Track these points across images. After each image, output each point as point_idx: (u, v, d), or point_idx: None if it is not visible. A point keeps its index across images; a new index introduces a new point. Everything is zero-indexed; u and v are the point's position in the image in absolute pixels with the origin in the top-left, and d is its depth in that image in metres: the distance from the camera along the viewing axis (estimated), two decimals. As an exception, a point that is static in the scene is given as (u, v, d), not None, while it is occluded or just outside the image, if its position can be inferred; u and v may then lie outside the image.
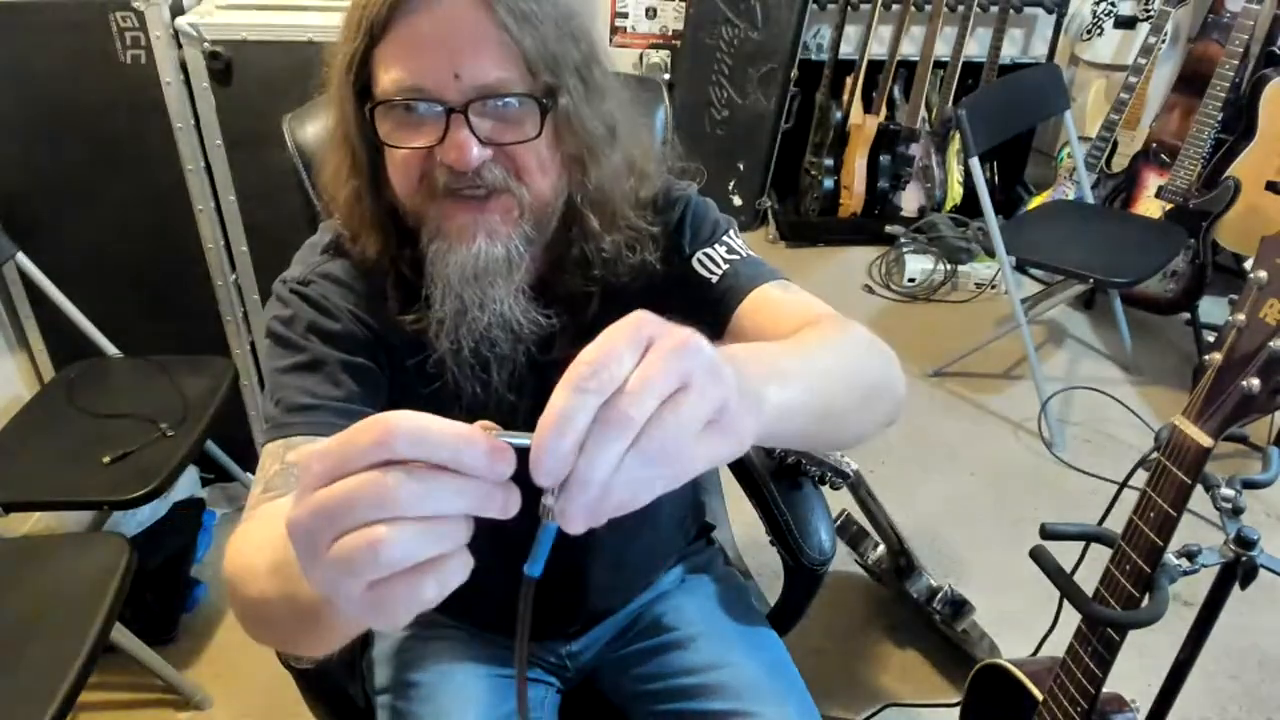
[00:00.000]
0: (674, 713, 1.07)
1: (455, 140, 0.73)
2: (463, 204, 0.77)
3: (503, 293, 0.81)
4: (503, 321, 0.82)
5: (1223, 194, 2.61)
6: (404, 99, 0.74)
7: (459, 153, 0.73)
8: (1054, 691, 1.15)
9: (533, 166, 0.78)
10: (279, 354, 0.85)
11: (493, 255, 0.79)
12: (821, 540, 1.17)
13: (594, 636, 1.17)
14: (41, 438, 1.79)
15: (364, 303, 0.88)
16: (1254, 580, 1.02)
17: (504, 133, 0.75)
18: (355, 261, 0.89)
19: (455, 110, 0.73)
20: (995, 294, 3.18)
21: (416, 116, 0.75)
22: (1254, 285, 0.87)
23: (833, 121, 3.44)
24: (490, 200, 0.78)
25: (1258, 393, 0.86)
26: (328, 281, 0.89)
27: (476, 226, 0.78)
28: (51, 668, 1.29)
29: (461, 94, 0.73)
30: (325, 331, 0.85)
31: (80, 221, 1.90)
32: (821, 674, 1.87)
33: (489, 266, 0.79)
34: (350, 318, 0.87)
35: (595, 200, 0.84)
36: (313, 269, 0.90)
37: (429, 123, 0.74)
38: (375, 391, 0.86)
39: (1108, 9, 3.33)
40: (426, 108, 0.74)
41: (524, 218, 0.80)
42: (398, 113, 0.75)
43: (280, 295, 0.89)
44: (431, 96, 0.73)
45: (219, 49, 1.72)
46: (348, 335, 0.86)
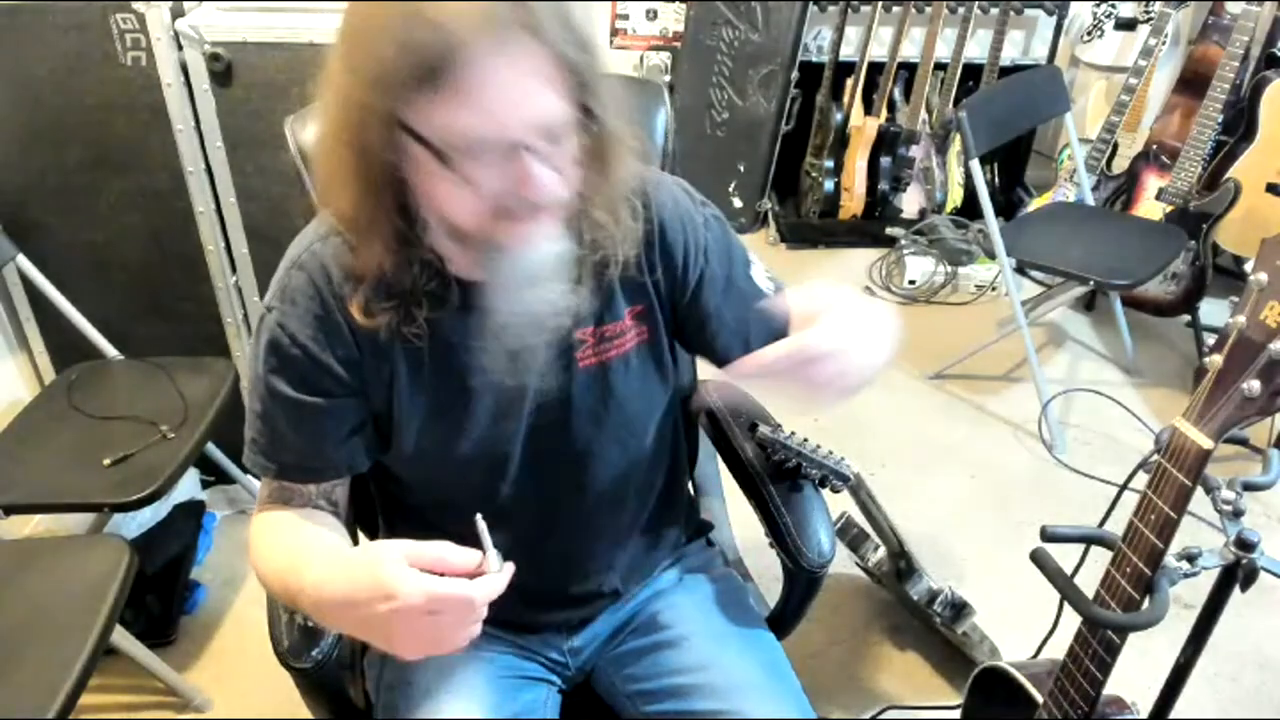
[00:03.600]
0: (667, 713, 1.08)
1: (531, 176, 0.77)
2: (523, 217, 0.81)
3: (558, 290, 0.88)
4: (546, 312, 0.89)
5: (1223, 196, 2.61)
6: (475, 146, 0.75)
7: (537, 187, 0.78)
8: (1054, 694, 1.15)
9: (571, 174, 0.83)
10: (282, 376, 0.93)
11: (548, 256, 0.85)
12: (821, 543, 1.16)
13: (594, 632, 1.17)
14: (42, 440, 1.79)
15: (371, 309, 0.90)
16: (1254, 582, 1.02)
17: (557, 151, 0.79)
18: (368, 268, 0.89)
19: (524, 148, 0.76)
20: (996, 296, 3.18)
21: (484, 161, 0.76)
22: (1254, 287, 0.86)
23: (833, 123, 3.44)
24: (544, 214, 0.82)
25: (1258, 395, 0.86)
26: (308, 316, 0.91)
27: (536, 234, 0.83)
28: (52, 670, 1.29)
29: (524, 129, 0.76)
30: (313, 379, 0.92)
31: (80, 223, 1.90)
32: (822, 676, 1.87)
33: (545, 267, 0.86)
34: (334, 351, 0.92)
35: (606, 196, 0.90)
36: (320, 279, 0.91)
37: (498, 163, 0.77)
38: (357, 425, 0.96)
39: (1108, 11, 3.33)
40: (503, 152, 0.76)
41: (566, 215, 0.87)
42: (468, 158, 0.76)
43: (274, 337, 0.92)
44: (504, 141, 0.76)
45: (219, 51, 1.72)
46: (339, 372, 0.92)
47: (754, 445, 1.24)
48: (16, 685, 1.28)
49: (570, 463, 1.04)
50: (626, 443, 1.07)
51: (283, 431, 0.94)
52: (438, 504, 1.06)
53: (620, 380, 1.01)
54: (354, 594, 0.76)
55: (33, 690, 1.26)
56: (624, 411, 1.03)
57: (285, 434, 0.94)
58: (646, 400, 1.06)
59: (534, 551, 1.02)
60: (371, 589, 0.74)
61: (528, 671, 1.14)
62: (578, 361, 0.98)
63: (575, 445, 1.03)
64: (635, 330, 1.01)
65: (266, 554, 0.92)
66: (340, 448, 0.96)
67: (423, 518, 1.08)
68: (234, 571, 2.06)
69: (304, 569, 0.84)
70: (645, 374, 1.04)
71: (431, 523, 1.06)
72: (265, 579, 0.92)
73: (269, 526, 0.95)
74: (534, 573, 1.00)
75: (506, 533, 0.97)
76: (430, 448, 0.98)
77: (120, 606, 1.42)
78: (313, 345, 0.91)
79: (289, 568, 0.87)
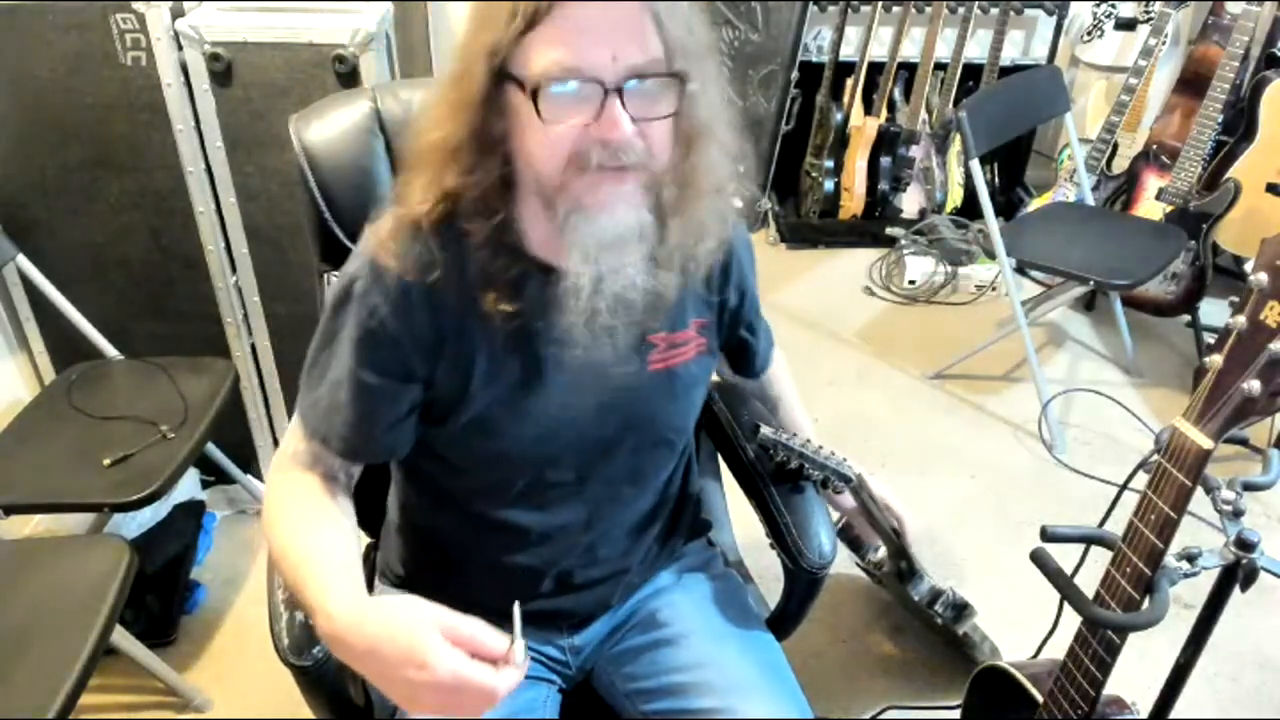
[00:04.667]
0: (665, 712, 1.08)
1: (612, 116, 0.80)
2: (606, 177, 0.83)
3: (633, 259, 0.89)
4: (629, 288, 0.90)
5: (1223, 196, 2.61)
6: (566, 78, 0.79)
7: (616, 128, 0.80)
8: (1054, 694, 1.15)
9: (662, 143, 0.85)
10: (355, 349, 0.93)
11: (629, 222, 0.86)
12: (822, 544, 1.16)
13: (594, 630, 1.17)
14: (42, 440, 1.79)
15: (456, 284, 0.92)
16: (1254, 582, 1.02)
17: (647, 109, 0.82)
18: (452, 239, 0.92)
19: (611, 90, 0.80)
20: (996, 296, 3.18)
21: (571, 100, 0.80)
22: (1254, 287, 0.87)
23: (833, 123, 3.44)
24: (628, 173, 0.84)
25: (1258, 395, 0.86)
26: (392, 290, 0.92)
27: (616, 198, 0.84)
28: (52, 670, 1.29)
29: (617, 75, 0.80)
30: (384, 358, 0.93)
31: (80, 223, 1.90)
32: (822, 676, 1.87)
33: (626, 234, 0.86)
34: (410, 331, 0.92)
35: (694, 180, 0.91)
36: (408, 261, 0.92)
37: (585, 103, 0.80)
38: (408, 411, 0.97)
39: (1108, 11, 3.33)
40: (587, 88, 0.80)
41: (649, 189, 0.87)
42: (555, 93, 0.80)
43: (358, 309, 0.93)
44: (590, 77, 0.79)
45: (219, 51, 1.72)
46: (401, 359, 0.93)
47: (756, 446, 1.24)
48: (16, 685, 1.28)
49: (623, 458, 1.06)
50: (673, 444, 1.11)
51: (342, 403, 0.95)
52: (481, 489, 1.05)
53: (681, 387, 1.05)
54: (383, 649, 0.77)
55: (33, 690, 1.26)
56: (679, 417, 1.08)
57: (343, 406, 0.95)
58: (694, 409, 1.11)
59: (569, 540, 1.07)
60: (405, 652, 0.75)
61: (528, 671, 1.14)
62: (649, 364, 1.01)
63: (631, 441, 1.05)
64: (696, 341, 1.05)
65: (284, 526, 0.93)
66: (388, 433, 0.97)
67: (457, 506, 1.07)
68: (234, 571, 2.07)
69: (326, 587, 0.84)
70: (698, 384, 1.09)
71: (465, 512, 1.07)
72: (273, 547, 0.93)
73: (293, 494, 0.96)
74: (564, 559, 1.07)
75: (545, 518, 1.04)
76: (497, 425, 0.98)
77: (120, 606, 1.42)
78: (393, 322, 0.92)
79: (305, 566, 0.87)
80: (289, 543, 0.91)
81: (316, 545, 0.90)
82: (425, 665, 0.74)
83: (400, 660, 0.76)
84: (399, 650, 0.76)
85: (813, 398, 2.66)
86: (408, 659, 0.75)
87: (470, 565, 1.11)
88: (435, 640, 0.75)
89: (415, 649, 0.75)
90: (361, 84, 1.76)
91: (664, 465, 1.12)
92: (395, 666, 0.76)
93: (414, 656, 0.75)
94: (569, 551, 1.09)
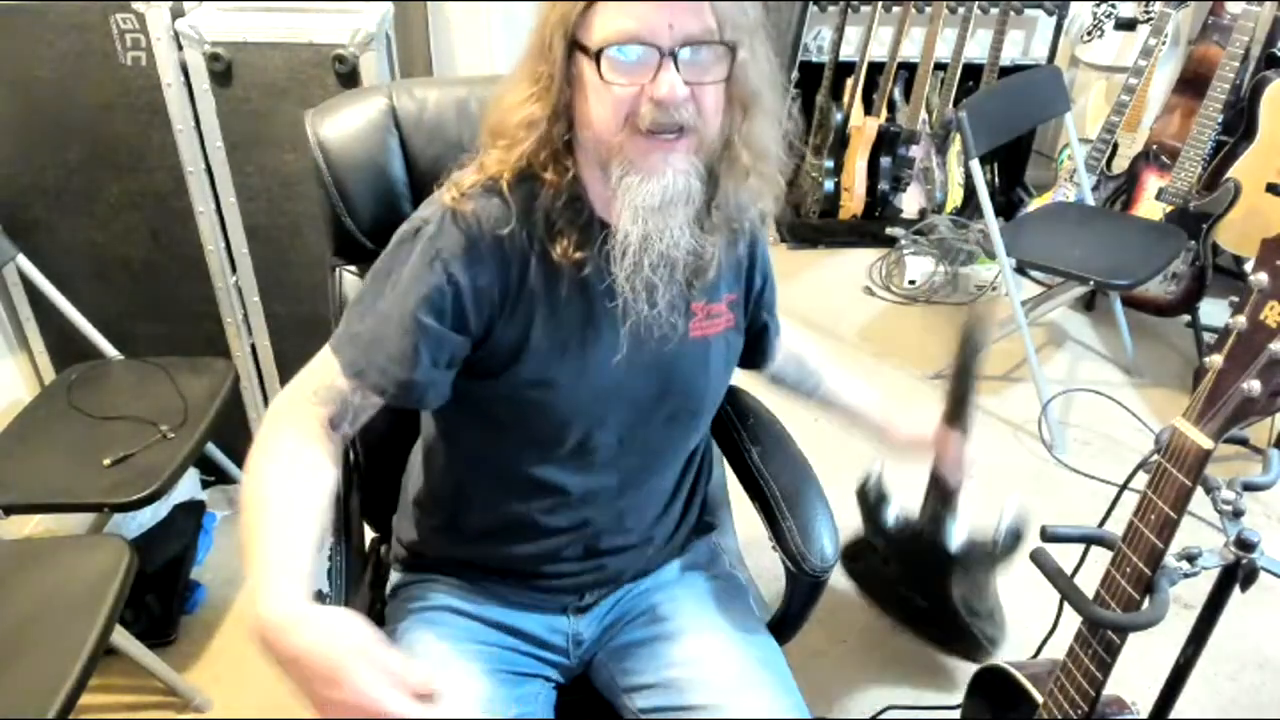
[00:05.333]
0: (661, 708, 1.09)
1: (666, 78, 0.86)
2: (658, 141, 0.89)
3: (681, 221, 0.93)
4: (676, 248, 0.94)
5: (1223, 196, 2.61)
6: (627, 42, 0.86)
7: (669, 89, 0.86)
8: (1054, 694, 1.15)
9: (713, 108, 0.91)
10: (412, 286, 0.95)
11: (678, 187, 0.91)
12: (824, 547, 1.16)
13: (597, 617, 1.19)
14: (42, 440, 1.79)
15: (525, 237, 0.97)
16: (1254, 582, 1.02)
17: (699, 75, 0.88)
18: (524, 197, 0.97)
19: (666, 54, 0.86)
20: (996, 296, 3.18)
21: (630, 64, 0.87)
22: (1254, 287, 0.86)
23: (833, 123, 3.44)
24: (680, 138, 0.90)
25: (1258, 395, 0.86)
26: (463, 236, 0.96)
27: (668, 161, 0.90)
28: (52, 670, 1.28)
29: (673, 40, 0.86)
30: (443, 301, 0.95)
31: (80, 223, 1.90)
32: (822, 676, 1.87)
33: (674, 197, 0.91)
34: (473, 279, 0.95)
35: (748, 146, 0.96)
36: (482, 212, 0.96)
37: (642, 66, 0.87)
38: (449, 360, 0.98)
39: (1108, 11, 3.33)
40: (645, 52, 0.86)
41: (699, 154, 0.93)
42: (616, 57, 0.87)
43: (425, 249, 0.96)
44: (648, 42, 0.86)
45: (219, 51, 1.72)
46: (458, 306, 0.96)
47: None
48: (16, 685, 1.28)
49: (657, 426, 1.09)
50: (699, 419, 1.14)
51: (387, 336, 0.95)
52: (531, 446, 1.06)
53: (714, 356, 1.09)
54: (306, 661, 0.79)
55: (33, 690, 1.26)
56: (711, 386, 1.11)
57: (387, 340, 0.95)
58: (722, 385, 1.16)
59: (604, 504, 1.10)
60: (327, 670, 0.78)
61: (523, 668, 1.15)
62: (690, 331, 1.05)
63: (667, 408, 1.08)
64: (727, 316, 1.10)
65: (262, 480, 0.93)
66: (425, 377, 0.97)
67: (500, 467, 1.09)
68: (234, 571, 2.06)
69: (269, 580, 0.84)
70: (729, 359, 1.14)
71: (508, 471, 1.08)
72: (244, 494, 0.92)
73: (286, 445, 0.95)
74: (596, 523, 1.10)
75: (586, 480, 1.08)
76: (554, 380, 1.01)
77: (120, 606, 1.42)
78: (457, 269, 0.95)
79: (261, 541, 0.87)
80: (258, 503, 0.91)
81: (281, 519, 0.90)
82: (343, 686, 0.77)
83: (321, 676, 0.78)
84: (321, 666, 0.78)
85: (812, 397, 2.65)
86: (329, 677, 0.78)
87: (505, 530, 1.13)
88: (358, 664, 0.78)
89: (337, 669, 0.78)
90: (361, 84, 1.76)
91: (688, 441, 1.15)
92: (314, 680, 0.79)
93: (335, 675, 0.78)
94: (601, 516, 1.12)
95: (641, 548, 1.18)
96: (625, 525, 1.14)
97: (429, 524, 1.20)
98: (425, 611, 1.15)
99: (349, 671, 0.77)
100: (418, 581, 1.20)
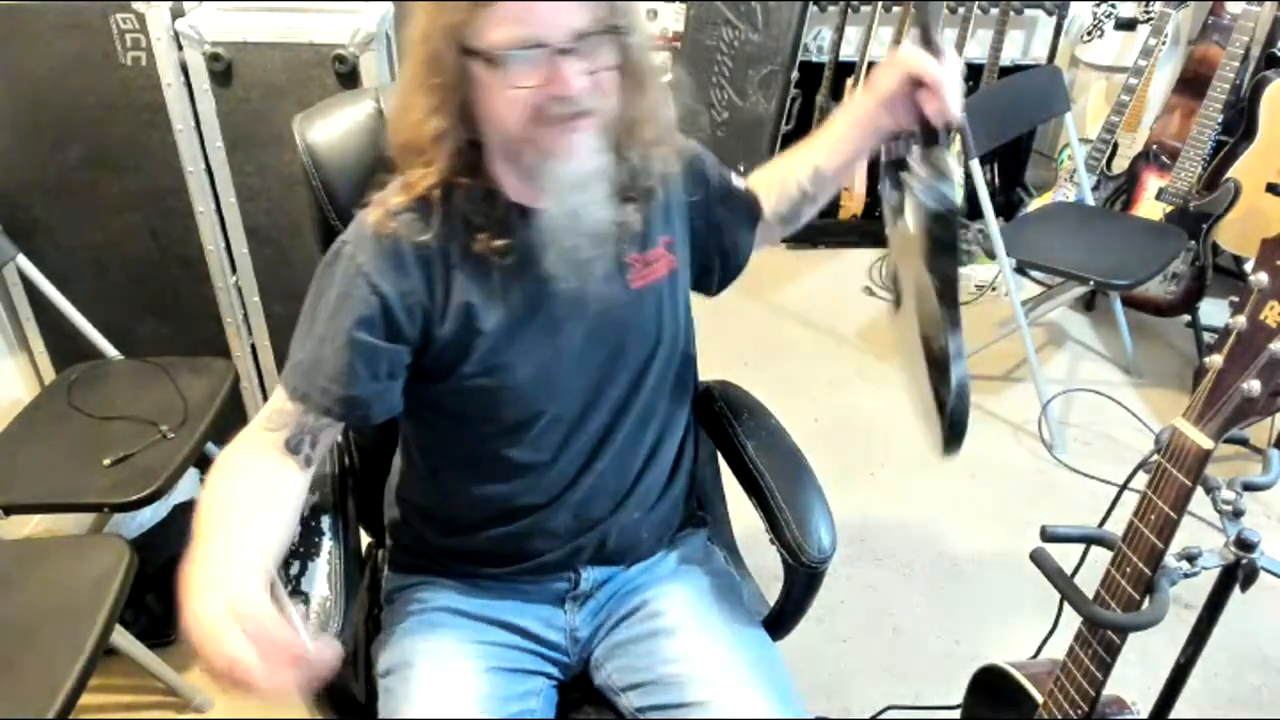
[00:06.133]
0: (655, 705, 1.09)
1: (565, 75, 0.90)
2: (564, 128, 0.93)
3: (598, 197, 0.98)
4: (598, 223, 0.99)
5: (1223, 196, 2.61)
6: (518, 44, 0.89)
7: (567, 84, 0.90)
8: (1054, 694, 1.15)
9: (610, 88, 0.95)
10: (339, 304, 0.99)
11: (592, 165, 0.96)
12: (821, 539, 1.16)
13: (593, 610, 1.19)
14: (42, 440, 1.79)
15: (446, 239, 1.00)
16: (1254, 582, 1.02)
17: (594, 62, 0.92)
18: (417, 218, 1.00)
19: (560, 50, 0.89)
20: (996, 296, 3.18)
21: (526, 63, 0.90)
22: (1254, 287, 0.86)
23: (833, 123, 3.44)
24: (584, 121, 0.94)
25: (1258, 395, 0.86)
26: (382, 253, 0.99)
27: (578, 143, 0.94)
28: (52, 670, 1.28)
29: (563, 35, 0.89)
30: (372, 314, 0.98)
31: (80, 223, 1.90)
32: (821, 676, 1.87)
33: (588, 175, 0.96)
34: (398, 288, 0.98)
35: (648, 118, 1.02)
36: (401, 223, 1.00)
37: (538, 64, 0.90)
38: (391, 371, 1.01)
39: (1108, 11, 3.33)
40: (538, 51, 0.89)
41: (604, 132, 0.97)
42: (512, 61, 0.90)
43: (346, 267, 1.00)
44: (540, 40, 0.89)
45: (219, 51, 1.72)
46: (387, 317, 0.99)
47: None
48: (17, 685, 1.28)
49: (625, 382, 1.11)
50: (667, 372, 1.16)
51: (324, 357, 0.98)
52: (491, 434, 1.09)
53: (664, 302, 1.12)
54: (196, 623, 0.80)
55: (33, 690, 1.26)
56: (666, 330, 1.13)
57: (324, 360, 0.98)
58: (678, 325, 1.16)
59: (580, 473, 1.13)
60: (203, 636, 0.79)
61: (523, 664, 1.15)
62: (630, 282, 1.08)
63: (625, 368, 1.11)
64: (666, 259, 1.12)
65: (213, 481, 0.97)
66: (368, 391, 1.00)
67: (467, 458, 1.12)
68: (234, 571, 2.06)
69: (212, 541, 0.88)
70: (676, 301, 1.15)
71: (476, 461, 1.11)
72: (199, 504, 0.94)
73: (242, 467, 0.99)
74: (577, 491, 1.13)
75: (554, 455, 1.10)
76: (500, 365, 1.04)
77: (120, 606, 1.42)
78: (380, 279, 0.97)
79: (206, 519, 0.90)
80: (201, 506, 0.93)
81: (220, 514, 0.92)
82: (210, 650, 0.78)
83: (200, 641, 0.79)
84: (201, 632, 0.79)
85: (813, 398, 2.66)
86: (203, 641, 0.79)
87: (487, 516, 1.14)
88: (228, 630, 0.78)
89: (210, 634, 0.78)
90: (361, 84, 1.76)
91: (663, 391, 1.16)
92: (200, 646, 0.79)
93: (206, 640, 0.79)
94: (581, 484, 1.13)
95: (628, 509, 1.18)
96: (607, 488, 1.15)
97: (415, 520, 1.21)
98: (423, 613, 1.16)
99: (218, 638, 0.78)
100: (413, 584, 1.20)
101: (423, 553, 1.21)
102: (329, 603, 1.09)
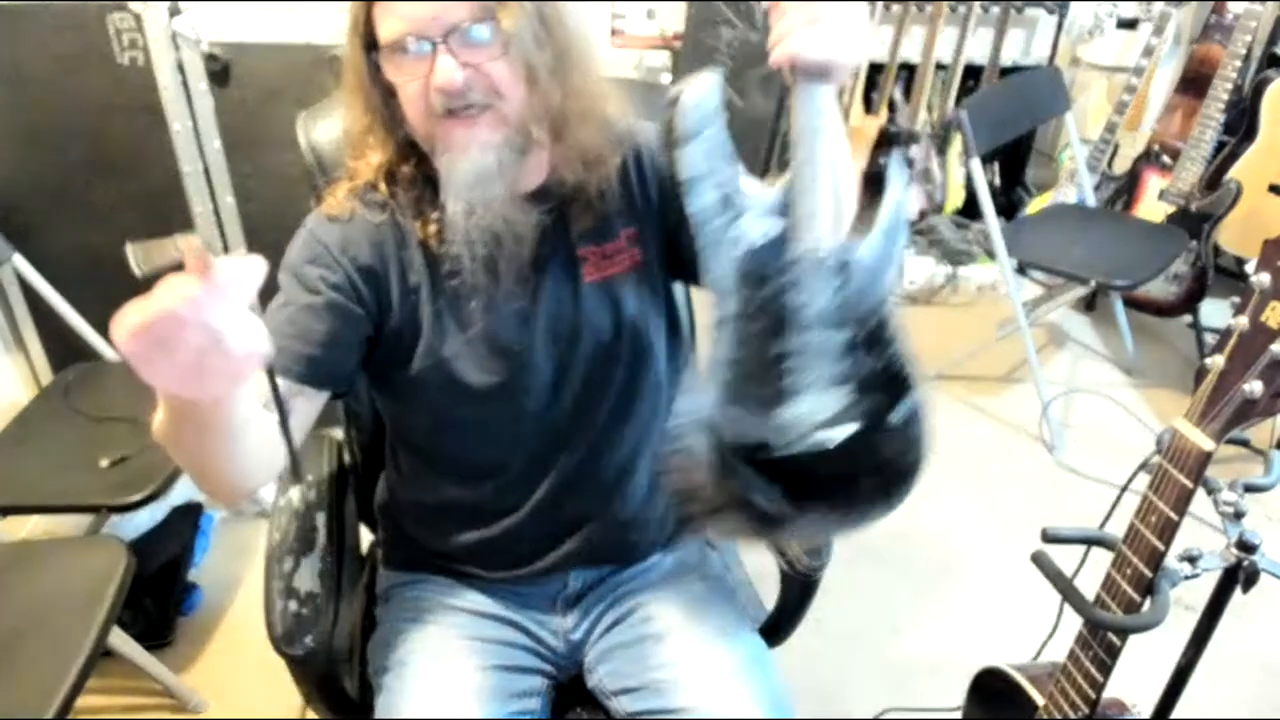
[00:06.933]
0: (645, 710, 1.09)
1: (441, 68, 0.91)
2: (459, 122, 0.93)
3: (499, 194, 0.96)
4: (504, 222, 0.98)
5: (1225, 196, 2.61)
6: (400, 39, 0.91)
7: (445, 78, 0.91)
8: (1054, 696, 1.15)
9: (507, 81, 0.93)
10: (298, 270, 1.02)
11: (486, 163, 0.95)
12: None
13: (585, 612, 1.19)
14: (39, 441, 1.79)
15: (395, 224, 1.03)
16: (1255, 584, 1.02)
17: (479, 55, 0.92)
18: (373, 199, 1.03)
19: (438, 44, 0.90)
20: (996, 296, 3.18)
21: (412, 57, 0.92)
22: (1256, 288, 0.86)
23: (833, 123, 3.43)
24: (480, 117, 0.94)
25: (1259, 396, 0.85)
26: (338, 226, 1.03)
27: (470, 140, 0.94)
28: (49, 672, 1.28)
29: (440, 30, 0.90)
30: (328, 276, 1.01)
31: (77, 224, 1.90)
32: (820, 679, 1.86)
33: (484, 173, 0.95)
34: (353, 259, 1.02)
35: (574, 98, 0.99)
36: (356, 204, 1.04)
37: (421, 60, 0.91)
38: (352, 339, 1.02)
39: (1109, 10, 3.33)
40: (417, 46, 0.91)
41: (509, 128, 0.95)
42: (398, 56, 0.92)
43: (305, 236, 1.05)
44: (419, 35, 0.91)
45: (217, 51, 1.72)
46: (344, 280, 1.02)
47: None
48: (14, 687, 1.28)
49: (586, 375, 1.09)
50: (635, 368, 1.11)
51: (282, 320, 0.99)
52: (455, 429, 1.10)
53: (625, 296, 1.08)
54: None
55: (30, 692, 1.26)
56: (626, 325, 1.08)
57: (283, 323, 0.99)
58: (647, 321, 1.11)
59: (554, 470, 1.11)
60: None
61: (521, 662, 1.15)
62: (584, 277, 1.06)
63: (587, 360, 1.08)
64: (629, 253, 1.08)
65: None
66: (327, 354, 0.99)
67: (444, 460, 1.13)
68: (231, 573, 2.06)
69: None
70: (642, 295, 1.10)
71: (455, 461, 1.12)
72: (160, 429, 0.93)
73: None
74: (552, 487, 1.12)
75: (531, 450, 1.09)
76: (450, 361, 1.04)
77: (118, 608, 1.42)
78: (335, 245, 1.01)
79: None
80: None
81: None
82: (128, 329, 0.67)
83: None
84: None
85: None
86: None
87: (466, 517, 1.15)
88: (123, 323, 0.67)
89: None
90: (359, 84, 1.75)
91: (634, 385, 1.12)
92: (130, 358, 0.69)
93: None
94: (556, 480, 1.12)
95: (611, 510, 1.16)
96: (581, 489, 1.13)
97: (402, 519, 1.22)
98: (419, 611, 1.16)
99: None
100: (408, 582, 1.21)
101: (415, 551, 1.21)
102: (318, 599, 1.09)
